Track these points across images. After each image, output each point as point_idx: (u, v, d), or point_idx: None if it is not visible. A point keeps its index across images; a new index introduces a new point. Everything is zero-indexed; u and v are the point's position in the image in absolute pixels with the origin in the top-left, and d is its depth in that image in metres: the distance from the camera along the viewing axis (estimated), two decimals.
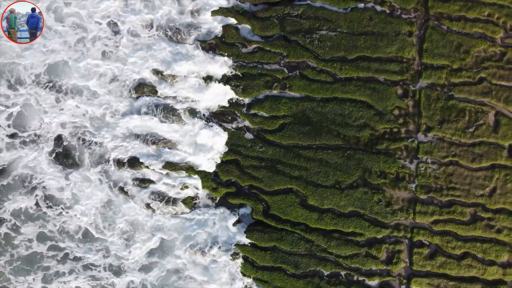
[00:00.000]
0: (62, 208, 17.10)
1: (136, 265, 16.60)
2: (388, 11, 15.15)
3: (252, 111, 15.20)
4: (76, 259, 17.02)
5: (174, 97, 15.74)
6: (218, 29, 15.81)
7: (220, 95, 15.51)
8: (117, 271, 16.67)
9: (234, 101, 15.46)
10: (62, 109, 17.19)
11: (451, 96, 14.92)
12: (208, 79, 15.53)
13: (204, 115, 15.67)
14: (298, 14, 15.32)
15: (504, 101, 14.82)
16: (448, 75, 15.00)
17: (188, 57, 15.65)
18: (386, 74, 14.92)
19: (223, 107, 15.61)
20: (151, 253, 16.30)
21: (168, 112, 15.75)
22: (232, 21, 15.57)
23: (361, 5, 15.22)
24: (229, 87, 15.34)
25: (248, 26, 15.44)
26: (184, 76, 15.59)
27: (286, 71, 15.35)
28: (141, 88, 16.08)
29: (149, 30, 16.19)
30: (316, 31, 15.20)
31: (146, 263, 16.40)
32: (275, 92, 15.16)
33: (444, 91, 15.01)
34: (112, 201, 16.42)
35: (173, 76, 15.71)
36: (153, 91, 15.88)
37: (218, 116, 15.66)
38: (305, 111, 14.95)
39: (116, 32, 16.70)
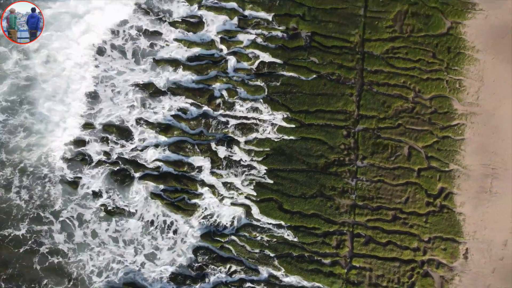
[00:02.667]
0: None
1: None
2: (336, 79, 22.51)
3: (248, 147, 22.57)
4: None
5: None
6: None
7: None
8: None
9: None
10: None
11: (378, 136, 21.97)
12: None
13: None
14: (278, 82, 22.85)
15: (414, 139, 21.79)
16: (377, 122, 22.06)
17: None
18: (335, 121, 22.08)
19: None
20: None
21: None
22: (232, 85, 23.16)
23: (319, 75, 22.69)
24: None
25: (244, 90, 22.99)
26: None
27: None
28: None
29: None
30: (289, 93, 22.63)
31: None
32: (262, 134, 22.59)
33: (374, 132, 22.07)
34: None
35: None
36: None
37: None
38: (281, 146, 22.19)
39: None
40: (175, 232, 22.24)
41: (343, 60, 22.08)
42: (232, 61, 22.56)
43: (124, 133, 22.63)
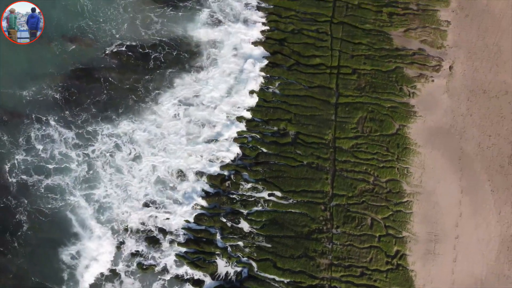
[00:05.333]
0: None
1: None
2: (315, 167, 30.00)
3: (249, 218, 29.59)
4: None
5: None
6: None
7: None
8: None
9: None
10: None
11: (348, 210, 28.96)
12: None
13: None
14: (272, 169, 30.40)
15: (375, 212, 28.77)
16: (346, 199, 29.14)
17: None
18: (315, 199, 29.20)
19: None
20: None
21: None
22: (240, 171, 30.61)
23: (303, 164, 30.22)
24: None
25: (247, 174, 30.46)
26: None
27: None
28: None
29: None
30: (280, 177, 29.99)
31: None
32: (260, 208, 29.73)
33: (344, 207, 29.15)
34: None
35: None
36: None
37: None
38: (275, 217, 29.21)
39: None
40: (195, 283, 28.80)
41: (320, 152, 29.77)
42: (238, 152, 30.38)
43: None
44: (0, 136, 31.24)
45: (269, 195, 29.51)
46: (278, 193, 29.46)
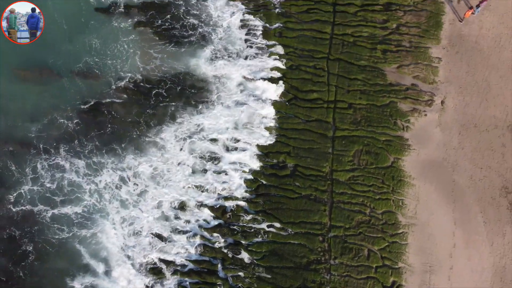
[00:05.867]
0: None
1: None
2: (314, 199, 31.03)
3: (250, 248, 30.47)
4: None
5: None
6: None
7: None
8: None
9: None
10: None
11: (345, 241, 29.89)
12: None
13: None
14: (271, 200, 31.43)
15: (371, 243, 29.67)
16: (344, 230, 30.08)
17: None
18: (314, 230, 30.11)
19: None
20: None
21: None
22: (241, 203, 31.63)
23: (301, 195, 31.27)
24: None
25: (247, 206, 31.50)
26: None
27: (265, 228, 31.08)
28: None
29: None
30: (279, 208, 30.99)
31: None
32: (260, 239, 30.65)
33: (342, 238, 30.14)
34: None
35: None
36: None
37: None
38: (275, 248, 30.09)
39: None
40: None
41: (318, 184, 30.86)
42: (240, 186, 31.44)
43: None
44: (8, 166, 32.43)
45: (269, 226, 30.46)
46: (278, 224, 30.42)
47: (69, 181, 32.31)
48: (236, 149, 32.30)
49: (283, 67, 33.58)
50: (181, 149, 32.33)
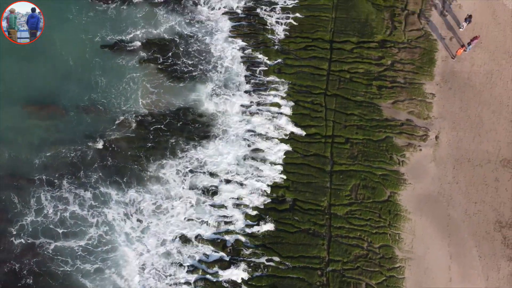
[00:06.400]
0: None
1: None
2: (312, 233, 31.72)
3: (250, 282, 31.02)
4: None
5: None
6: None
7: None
8: None
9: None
10: None
11: (343, 275, 30.36)
12: None
13: None
14: (271, 234, 32.11)
15: (369, 277, 30.15)
16: (342, 264, 30.66)
17: None
18: (312, 264, 30.62)
19: None
20: None
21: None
22: (241, 237, 32.35)
23: (300, 230, 31.98)
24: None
25: (247, 240, 32.19)
26: None
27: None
28: None
29: None
30: (279, 242, 31.66)
31: None
32: (260, 273, 31.24)
33: (340, 272, 30.65)
34: None
35: None
36: None
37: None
38: (274, 283, 30.38)
39: None
40: None
41: (317, 219, 31.58)
42: (240, 220, 32.16)
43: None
44: (11, 198, 33.15)
45: (268, 260, 31.05)
46: (277, 259, 31.02)
47: (72, 213, 32.99)
48: (237, 183, 33.08)
49: (282, 102, 34.68)
50: (182, 184, 33.13)
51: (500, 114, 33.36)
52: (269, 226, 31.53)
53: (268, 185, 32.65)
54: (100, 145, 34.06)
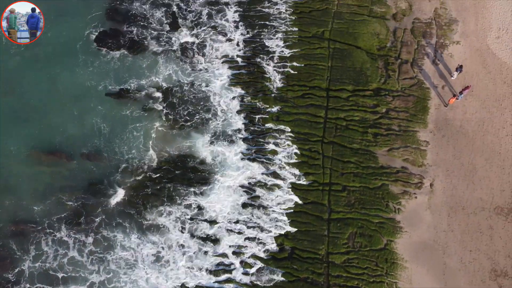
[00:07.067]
0: None
1: None
2: (311, 282, 32.19)
3: None
4: None
5: None
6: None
7: None
8: None
9: None
10: None
11: None
12: None
13: None
14: (270, 283, 32.59)
15: None
16: None
17: None
18: None
19: None
20: None
21: None
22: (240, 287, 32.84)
23: (299, 278, 32.48)
24: None
25: None
26: None
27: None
28: None
29: None
30: None
31: None
32: None
33: None
34: None
35: None
36: None
37: None
38: None
39: None
40: None
41: (315, 267, 32.08)
42: (240, 269, 32.71)
43: None
44: (9, 245, 33.59)
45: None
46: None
47: (71, 259, 33.40)
48: (236, 231, 33.72)
49: (280, 150, 35.66)
50: (182, 231, 33.75)
51: (493, 162, 34.30)
52: (268, 275, 32.12)
53: (267, 234, 33.33)
54: (101, 192, 34.82)
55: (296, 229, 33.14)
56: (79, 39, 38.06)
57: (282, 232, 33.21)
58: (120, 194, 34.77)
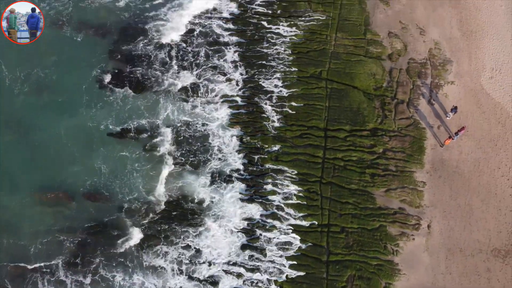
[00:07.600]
0: None
1: None
2: None
3: None
4: None
5: None
6: None
7: None
8: None
9: None
10: None
11: None
12: None
13: None
14: None
15: None
16: None
17: None
18: None
19: None
20: None
21: None
22: None
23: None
24: None
25: None
26: None
27: None
28: None
29: None
30: None
31: None
32: None
33: None
34: None
35: None
36: None
37: None
38: None
39: None
40: None
41: None
42: None
43: None
44: (6, 286, 33.63)
45: None
46: None
47: None
48: (235, 273, 33.84)
49: (279, 190, 36.06)
50: (180, 274, 33.87)
51: (489, 203, 34.68)
52: None
53: (266, 276, 33.47)
54: (100, 232, 35.08)
55: (295, 272, 33.34)
56: (84, 80, 38.99)
57: (282, 276, 33.35)
58: (122, 236, 34.99)
